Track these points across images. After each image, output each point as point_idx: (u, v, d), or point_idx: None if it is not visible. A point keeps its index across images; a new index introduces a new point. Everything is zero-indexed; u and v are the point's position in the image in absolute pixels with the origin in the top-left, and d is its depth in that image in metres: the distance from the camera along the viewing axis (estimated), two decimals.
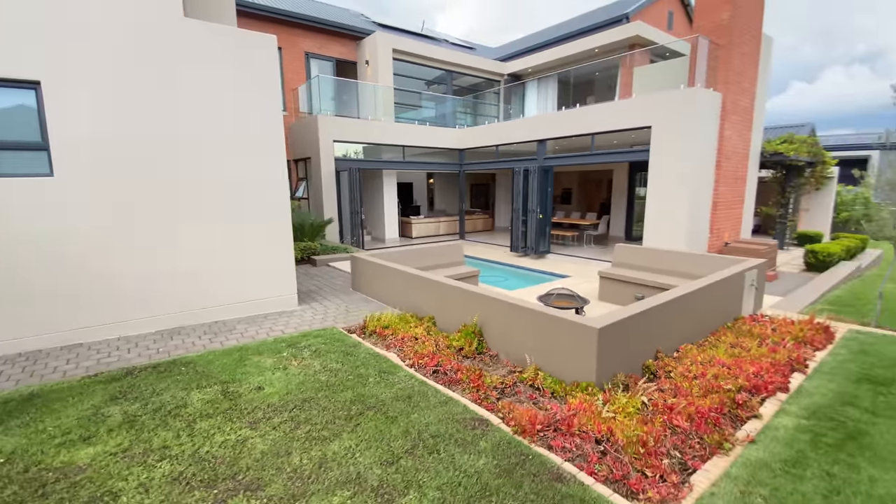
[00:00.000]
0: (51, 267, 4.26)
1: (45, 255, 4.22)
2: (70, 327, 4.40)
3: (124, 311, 4.66)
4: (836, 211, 15.95)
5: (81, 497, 2.18)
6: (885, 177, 5.24)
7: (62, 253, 4.30)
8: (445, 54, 14.80)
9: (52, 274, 4.26)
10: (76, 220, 4.34)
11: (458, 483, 2.30)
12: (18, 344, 4.18)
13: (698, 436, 2.83)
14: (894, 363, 4.02)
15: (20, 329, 4.18)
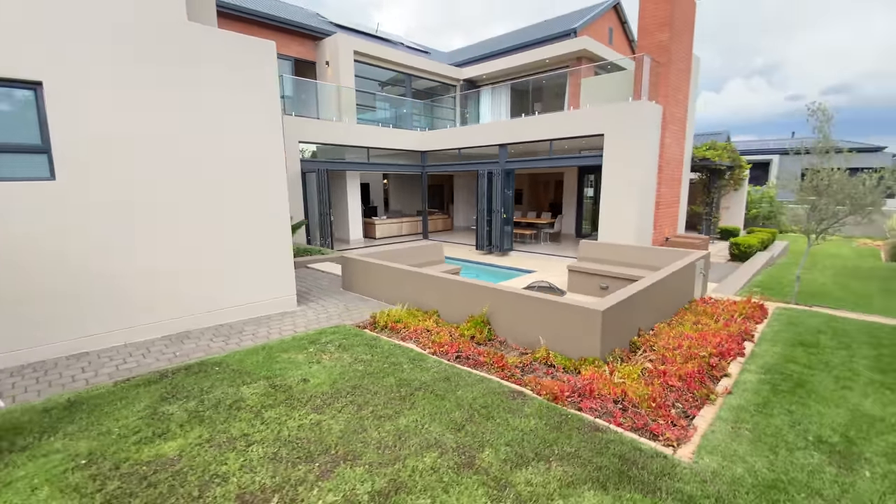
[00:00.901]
0: (52, 276, 4.13)
1: (47, 263, 4.09)
2: (74, 336, 4.27)
3: (128, 318, 4.58)
4: (747, 208, 18.33)
5: (191, 482, 2.36)
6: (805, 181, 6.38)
7: (64, 261, 4.18)
8: (405, 58, 15.12)
9: (54, 283, 4.13)
10: (78, 226, 4.23)
11: (520, 439, 2.76)
12: (19, 356, 4.01)
13: (690, 392, 3.51)
14: (816, 330, 5.05)
15: (20, 341, 4.01)
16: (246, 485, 2.33)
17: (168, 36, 4.61)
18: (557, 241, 13.91)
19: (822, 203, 6.23)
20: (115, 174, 4.40)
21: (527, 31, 17.65)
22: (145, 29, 4.46)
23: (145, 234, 4.62)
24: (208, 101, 4.93)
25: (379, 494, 2.25)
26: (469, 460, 2.55)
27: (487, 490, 2.30)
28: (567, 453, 2.62)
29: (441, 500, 2.22)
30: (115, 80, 4.33)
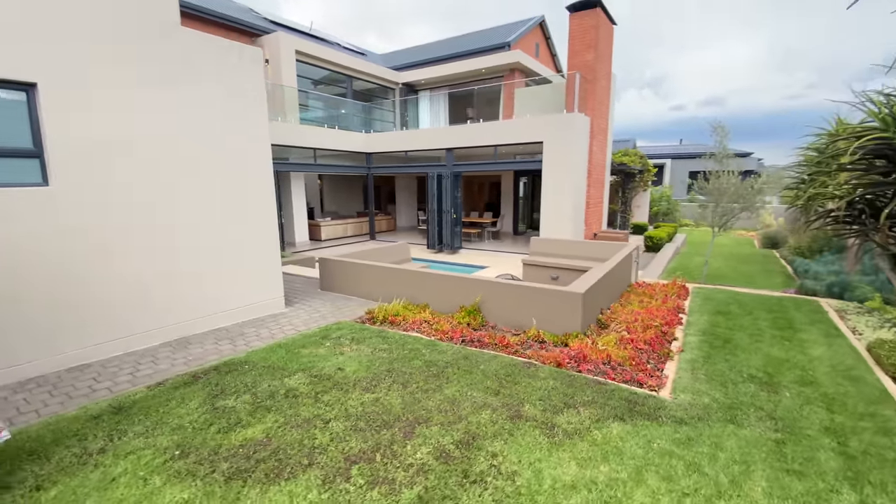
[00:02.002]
0: (48, 286, 3.97)
1: (42, 272, 3.92)
2: (72, 349, 4.12)
3: (124, 327, 4.48)
4: (650, 206, 21.13)
5: (294, 455, 2.68)
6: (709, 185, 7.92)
7: (60, 270, 4.02)
8: (346, 59, 15.18)
9: (50, 293, 3.96)
10: (71, 233, 4.08)
11: (547, 395, 3.44)
12: (17, 372, 3.81)
13: (654, 352, 4.47)
14: (726, 303, 6.43)
15: (16, 356, 3.82)
16: (346, 450, 2.72)
17: (163, 39, 4.58)
18: (499, 238, 15.00)
19: (724, 202, 7.82)
20: (109, 178, 4.29)
21: (463, 39, 18.57)
22: (141, 31, 4.41)
23: (141, 240, 4.54)
24: (201, 105, 4.94)
25: (461, 444, 2.79)
26: (516, 413, 3.17)
27: (541, 430, 2.94)
28: (586, 401, 3.36)
29: (511, 441, 2.82)
30: (110, 81, 4.24)
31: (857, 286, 6.57)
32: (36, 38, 3.78)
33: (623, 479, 2.46)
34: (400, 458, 2.64)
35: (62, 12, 3.91)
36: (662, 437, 2.89)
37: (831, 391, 3.58)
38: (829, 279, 7.10)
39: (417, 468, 2.54)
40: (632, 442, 2.82)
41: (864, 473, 2.50)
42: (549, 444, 2.79)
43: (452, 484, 2.40)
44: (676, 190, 27.17)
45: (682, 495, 2.32)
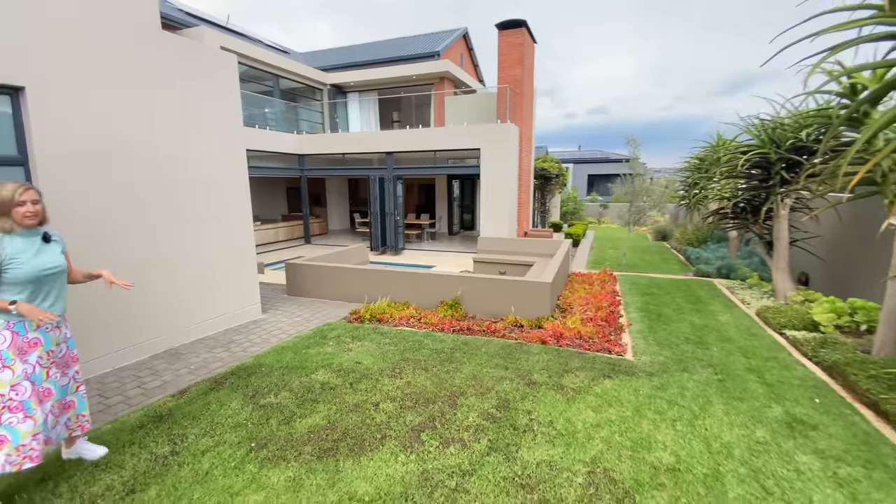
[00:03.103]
0: None
1: None
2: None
3: (111, 342, 4.28)
4: (561, 206, 23.42)
5: (364, 432, 3.03)
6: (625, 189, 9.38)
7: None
8: (273, 58, 14.69)
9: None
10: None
11: (546, 366, 4.16)
12: None
13: (611, 327, 5.45)
14: (647, 286, 7.81)
15: None
16: (407, 423, 3.14)
17: (143, 44, 4.45)
18: (436, 239, 15.68)
19: (638, 202, 9.35)
20: (93, 186, 4.10)
21: (391, 44, 18.89)
22: (125, 35, 4.26)
23: (126, 249, 4.37)
24: (182, 109, 4.85)
25: (499, 407, 3.36)
26: (530, 381, 3.83)
27: (555, 391, 3.63)
28: (578, 367, 4.14)
29: (536, 401, 3.46)
30: (93, 86, 4.05)
31: (739, 268, 8.39)
32: (27, 41, 3.55)
33: (629, 416, 3.24)
34: (456, 423, 3.14)
35: (52, 15, 3.69)
36: (643, 386, 3.76)
37: (742, 344, 4.82)
38: (717, 263, 8.91)
39: (475, 428, 3.07)
40: (624, 392, 3.64)
41: (781, 394, 3.59)
42: (565, 400, 3.49)
43: (508, 435, 2.98)
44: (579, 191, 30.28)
45: (673, 420, 3.17)
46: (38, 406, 2.36)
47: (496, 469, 2.61)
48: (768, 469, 2.61)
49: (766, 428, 3.08)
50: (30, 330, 2.40)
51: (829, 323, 5.25)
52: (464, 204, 17.97)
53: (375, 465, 2.66)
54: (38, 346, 2.43)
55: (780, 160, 6.25)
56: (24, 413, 2.31)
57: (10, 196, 2.37)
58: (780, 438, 2.94)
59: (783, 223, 6.55)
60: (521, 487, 2.45)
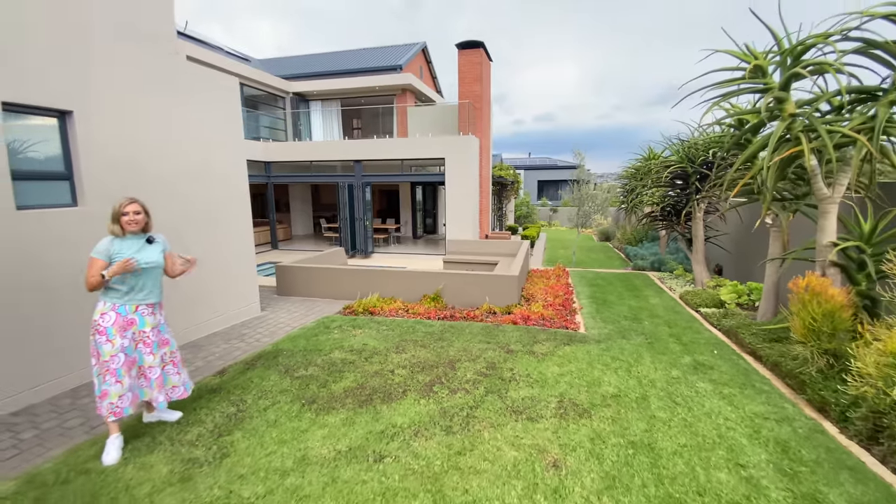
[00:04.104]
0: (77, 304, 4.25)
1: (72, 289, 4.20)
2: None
3: None
4: (515, 211, 24.98)
5: (389, 387, 3.89)
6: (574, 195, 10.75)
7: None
8: (235, 65, 14.93)
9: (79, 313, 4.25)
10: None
11: (519, 339, 5.19)
12: (67, 381, 4.05)
13: (567, 310, 6.62)
14: (593, 279, 9.13)
15: (52, 372, 4.06)
16: (420, 381, 4.03)
17: (168, 71, 5.05)
18: (401, 242, 16.49)
19: (585, 207, 10.74)
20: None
21: (354, 55, 19.51)
22: (151, 61, 4.85)
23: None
24: (197, 126, 5.46)
25: (488, 367, 4.34)
26: (508, 350, 4.84)
27: (529, 355, 4.66)
28: (544, 339, 5.22)
29: (515, 362, 4.47)
30: (128, 108, 4.63)
31: (668, 262, 9.96)
32: (76, 72, 4.10)
33: (584, 368, 4.33)
34: (457, 379, 4.08)
35: (98, 48, 4.26)
36: (593, 349, 4.89)
37: (667, 319, 6.13)
38: (650, 259, 10.47)
39: (472, 381, 4.02)
40: (579, 353, 4.75)
41: (692, 349, 4.84)
42: (536, 361, 4.53)
43: (498, 383, 3.96)
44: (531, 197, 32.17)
45: (615, 369, 4.29)
46: (127, 374, 3.05)
47: (493, 403, 3.59)
48: (678, 392, 3.77)
49: (679, 370, 4.28)
50: (130, 312, 3.08)
51: (731, 301, 6.71)
52: (426, 209, 18.92)
53: (405, 407, 3.54)
54: (133, 325, 3.10)
55: (694, 173, 7.75)
56: (116, 378, 2.99)
57: (118, 208, 3.06)
58: (688, 375, 4.14)
59: (699, 224, 8.07)
60: (513, 412, 3.44)
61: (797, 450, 2.87)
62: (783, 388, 3.87)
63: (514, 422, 3.29)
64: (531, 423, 3.26)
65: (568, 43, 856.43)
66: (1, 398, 3.64)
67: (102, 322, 2.99)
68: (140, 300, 3.12)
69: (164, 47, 5.02)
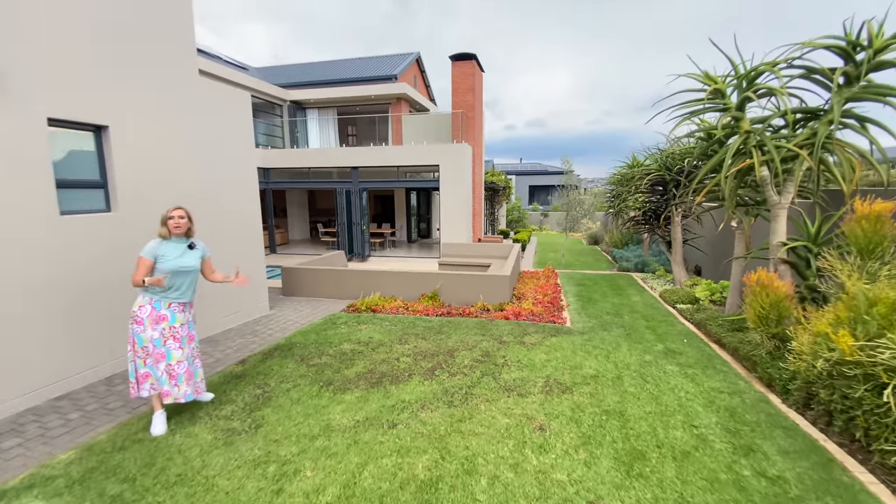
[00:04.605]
0: (112, 301, 4.70)
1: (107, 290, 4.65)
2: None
3: None
4: (507, 215, 25.60)
5: (397, 373, 4.38)
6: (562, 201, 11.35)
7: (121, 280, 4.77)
8: (236, 76, 15.38)
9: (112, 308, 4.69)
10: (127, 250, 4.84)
11: (511, 332, 5.72)
12: (99, 371, 4.49)
13: (555, 307, 7.17)
14: (580, 279, 9.72)
15: (99, 358, 4.50)
16: (423, 367, 4.53)
17: (189, 88, 5.53)
18: (396, 246, 16.98)
19: (573, 212, 11.34)
20: (155, 202, 5.11)
21: (349, 64, 20.05)
22: (177, 82, 5.33)
23: None
24: (215, 137, 5.93)
25: (483, 355, 4.85)
26: (501, 341, 5.37)
27: (520, 345, 5.19)
28: (533, 331, 5.75)
29: (507, 350, 4.99)
30: (155, 122, 5.10)
31: (650, 263, 10.58)
32: (113, 90, 4.57)
33: (568, 354, 4.87)
34: (456, 365, 4.59)
35: (126, 68, 4.74)
36: (577, 340, 5.43)
37: (645, 314, 6.71)
38: (634, 260, 11.08)
39: (469, 366, 4.53)
40: (564, 343, 5.28)
41: (664, 339, 5.41)
42: (526, 349, 5.06)
43: (492, 368, 4.48)
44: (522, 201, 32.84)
45: (596, 355, 4.83)
46: (156, 364, 3.47)
47: (489, 384, 4.10)
48: (648, 373, 4.32)
49: (651, 355, 4.84)
50: (163, 308, 3.52)
51: (705, 298, 7.31)
52: (420, 214, 19.45)
53: (411, 388, 4.04)
54: (165, 320, 3.53)
55: (672, 180, 8.37)
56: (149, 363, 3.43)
57: (166, 213, 3.54)
58: (659, 359, 4.70)
59: (677, 227, 8.69)
60: (505, 390, 3.95)
61: (742, 414, 3.43)
62: (740, 368, 4.44)
63: (506, 397, 3.81)
64: (521, 398, 3.78)
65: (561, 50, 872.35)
66: (45, 384, 4.08)
67: (140, 313, 3.43)
68: (174, 298, 3.54)
69: (186, 68, 5.50)
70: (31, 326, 3.93)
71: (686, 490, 2.54)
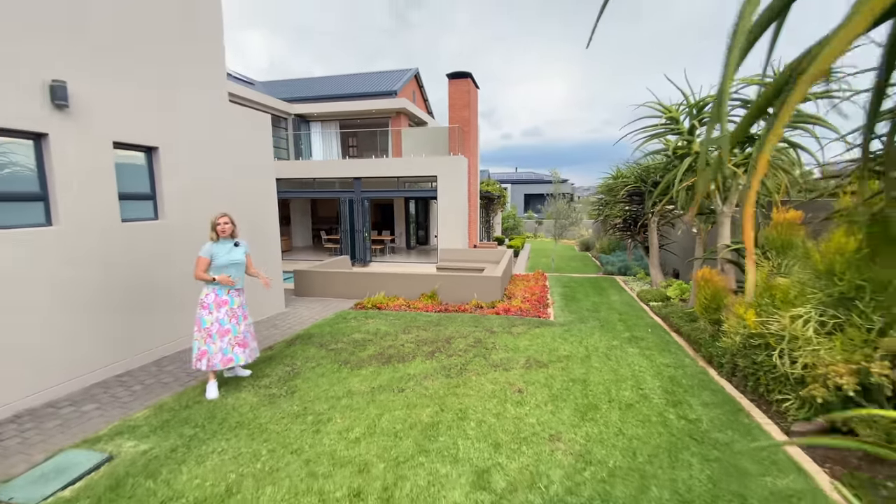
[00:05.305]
0: (166, 296, 5.52)
1: (161, 284, 5.47)
2: (180, 334, 5.67)
3: None
4: (502, 223, 26.51)
5: (403, 354, 5.21)
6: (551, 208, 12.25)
7: (168, 276, 5.60)
8: (243, 91, 16.30)
9: (168, 300, 5.52)
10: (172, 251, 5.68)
11: (501, 324, 6.56)
12: (152, 354, 5.31)
13: (541, 304, 8.02)
14: (567, 281, 10.59)
15: (152, 341, 5.32)
16: (425, 350, 5.36)
17: (222, 110, 6.41)
18: (396, 252, 17.83)
19: (560, 221, 12.25)
20: (193, 210, 5.97)
21: (351, 79, 21.04)
22: (212, 107, 6.21)
23: None
24: (242, 153, 6.80)
25: (476, 342, 5.69)
26: (492, 331, 6.21)
27: (507, 334, 6.03)
28: (520, 323, 6.60)
29: (497, 338, 5.83)
30: (194, 142, 5.96)
31: (633, 267, 11.47)
32: (162, 116, 5.44)
33: (548, 341, 5.72)
34: (452, 349, 5.43)
35: (173, 97, 5.62)
36: (557, 330, 6.28)
37: (621, 310, 7.58)
38: (618, 264, 11.98)
39: (464, 350, 5.37)
40: (546, 333, 6.13)
41: (632, 329, 6.28)
42: (513, 337, 5.91)
43: (483, 351, 5.32)
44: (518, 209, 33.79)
45: (571, 341, 5.69)
46: (220, 339, 4.32)
47: (479, 362, 4.94)
48: (612, 353, 5.18)
49: (618, 341, 5.70)
50: (223, 294, 4.38)
51: (675, 296, 8.19)
52: (419, 221, 20.33)
53: (415, 365, 4.88)
54: (226, 304, 4.40)
55: (647, 191, 9.29)
56: (212, 340, 4.28)
57: (214, 219, 4.39)
58: (624, 344, 5.56)
59: (654, 233, 9.59)
60: (493, 366, 4.80)
61: (681, 381, 4.29)
62: (689, 349, 5.31)
63: (493, 371, 4.66)
64: (505, 372, 4.63)
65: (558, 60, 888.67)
66: (108, 364, 4.89)
67: (206, 300, 4.29)
68: (231, 286, 4.42)
69: (219, 93, 6.39)
70: (100, 315, 4.76)
71: (624, 427, 3.38)
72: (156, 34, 5.39)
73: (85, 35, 4.62)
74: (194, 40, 5.98)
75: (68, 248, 4.47)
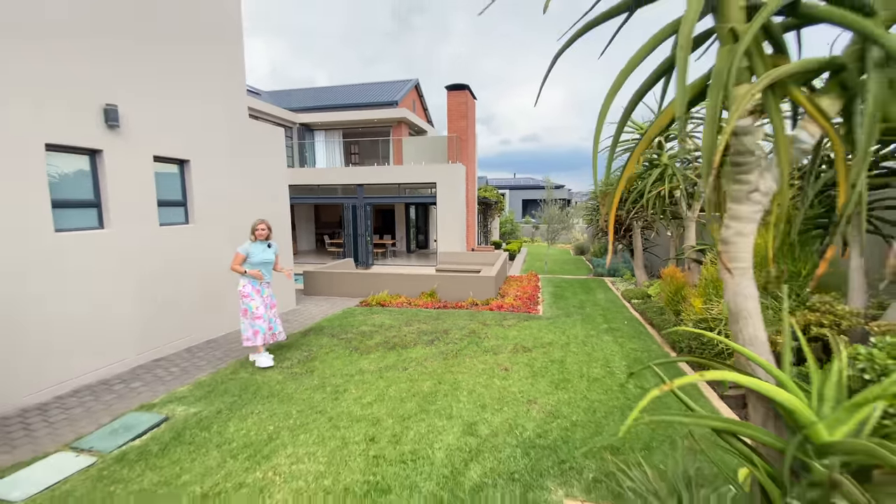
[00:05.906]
0: (196, 295, 6.23)
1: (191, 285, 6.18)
2: (207, 326, 6.38)
3: (223, 320, 6.79)
4: (499, 227, 27.25)
5: (406, 342, 5.92)
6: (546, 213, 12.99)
7: (196, 273, 6.32)
8: (251, 101, 17.07)
9: (199, 300, 6.22)
10: (201, 251, 6.40)
11: (494, 318, 7.28)
12: (188, 341, 6.01)
13: (532, 301, 8.73)
14: (558, 282, 11.31)
15: (184, 331, 6.03)
16: (425, 339, 6.07)
17: (241, 125, 7.16)
18: (397, 256, 18.55)
19: (553, 225, 12.98)
20: (217, 215, 6.70)
21: (354, 90, 21.87)
22: (229, 122, 6.96)
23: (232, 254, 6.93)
24: (261, 164, 7.54)
25: (470, 333, 6.40)
26: (485, 324, 6.92)
27: (499, 326, 6.74)
28: (511, 317, 7.31)
29: (489, 330, 6.54)
30: (218, 155, 6.70)
31: (620, 269, 12.20)
32: (193, 133, 6.19)
33: (535, 331, 6.43)
34: (449, 338, 6.13)
35: (203, 114, 6.36)
36: (544, 323, 6.99)
37: (605, 306, 8.29)
38: (608, 267, 12.71)
39: (459, 339, 6.08)
40: (534, 325, 6.84)
41: (611, 321, 6.99)
42: (504, 329, 6.62)
43: (476, 339, 6.03)
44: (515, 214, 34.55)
45: (555, 331, 6.40)
46: (263, 322, 5.07)
47: (473, 348, 5.65)
48: (589, 341, 5.89)
49: (597, 331, 6.41)
50: (257, 285, 5.12)
51: (655, 294, 8.91)
52: (418, 226, 21.06)
53: (416, 350, 5.59)
54: (260, 293, 5.14)
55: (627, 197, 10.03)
56: (262, 321, 5.02)
57: (254, 224, 5.14)
58: (601, 333, 6.27)
59: (637, 237, 10.33)
60: (484, 351, 5.51)
61: (644, 361, 5.00)
62: (658, 337, 6.03)
63: (484, 355, 5.37)
64: (494, 355, 5.34)
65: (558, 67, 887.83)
66: (147, 349, 5.60)
67: (244, 290, 5.03)
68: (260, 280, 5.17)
69: (241, 110, 7.15)
70: (143, 306, 5.48)
71: (589, 394, 4.10)
72: (189, 55, 6.15)
73: (133, 60, 5.37)
74: (220, 60, 6.74)
75: (117, 248, 5.19)
